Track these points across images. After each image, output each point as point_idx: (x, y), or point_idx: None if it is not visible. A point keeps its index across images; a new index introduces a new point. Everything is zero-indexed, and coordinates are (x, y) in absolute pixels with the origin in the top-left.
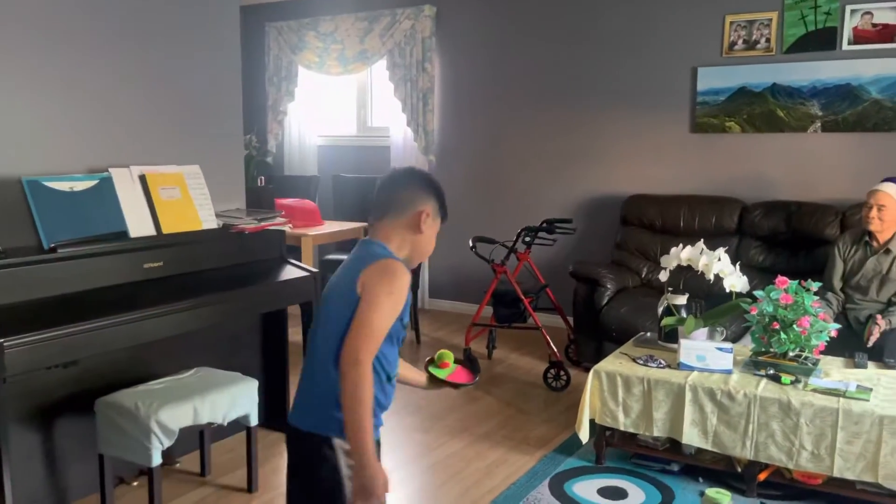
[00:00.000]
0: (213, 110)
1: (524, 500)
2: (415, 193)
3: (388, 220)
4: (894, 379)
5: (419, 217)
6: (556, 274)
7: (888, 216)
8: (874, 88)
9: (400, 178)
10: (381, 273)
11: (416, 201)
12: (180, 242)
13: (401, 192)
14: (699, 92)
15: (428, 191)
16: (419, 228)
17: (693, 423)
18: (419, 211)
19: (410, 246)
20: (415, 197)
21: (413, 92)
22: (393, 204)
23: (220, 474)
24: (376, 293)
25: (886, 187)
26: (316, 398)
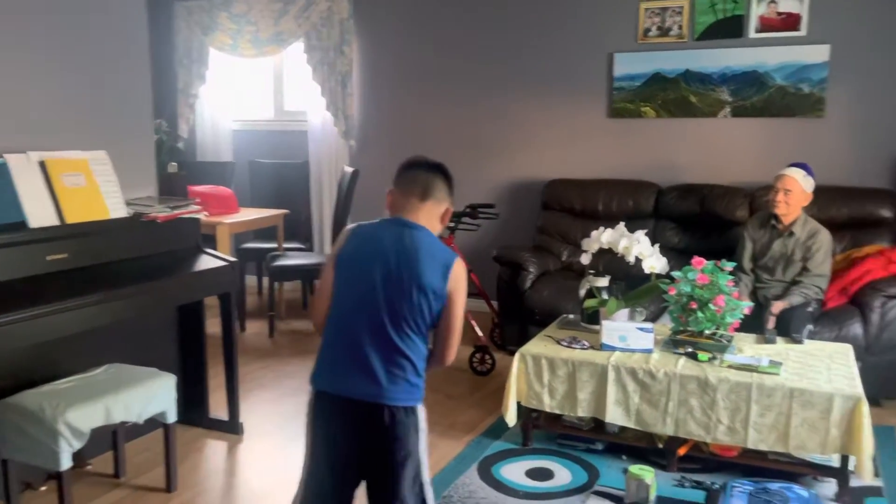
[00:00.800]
0: (119, 93)
1: (453, 485)
2: (448, 191)
3: (429, 204)
4: (802, 353)
5: (447, 213)
6: (479, 259)
7: (793, 200)
8: (779, 75)
9: (443, 170)
10: (462, 279)
11: (448, 198)
12: (86, 232)
13: (443, 184)
14: (615, 77)
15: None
16: (443, 221)
17: (616, 402)
18: (447, 208)
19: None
20: (448, 194)
21: (331, 75)
22: (437, 191)
23: (136, 475)
24: (461, 302)
25: (793, 172)
26: (399, 373)
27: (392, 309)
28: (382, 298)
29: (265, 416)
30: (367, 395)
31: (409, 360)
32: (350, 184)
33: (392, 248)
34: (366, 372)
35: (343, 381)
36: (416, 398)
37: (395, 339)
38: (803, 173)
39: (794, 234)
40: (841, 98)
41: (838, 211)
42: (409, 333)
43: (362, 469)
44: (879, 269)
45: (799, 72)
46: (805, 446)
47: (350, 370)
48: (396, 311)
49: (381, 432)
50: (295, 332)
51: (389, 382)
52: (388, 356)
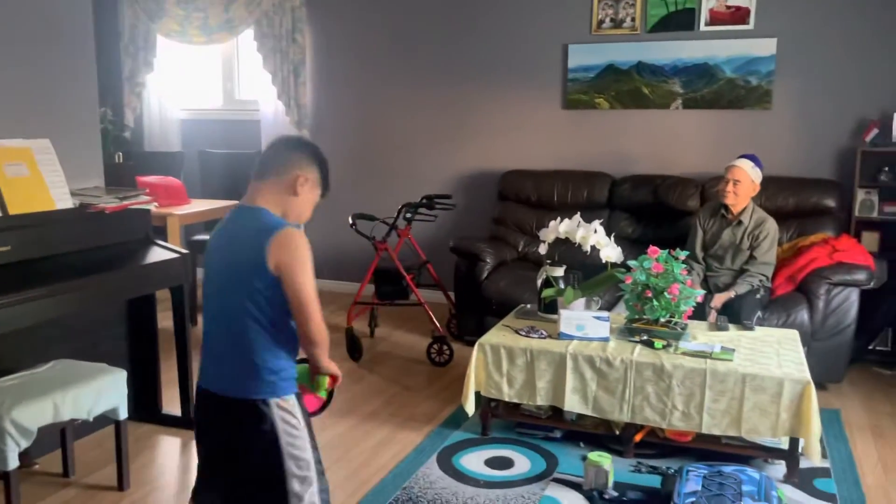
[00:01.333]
0: (64, 81)
1: (413, 476)
2: (299, 157)
3: (269, 181)
4: (753, 339)
5: (296, 179)
6: (436, 250)
7: (742, 190)
8: (728, 68)
9: (287, 142)
10: (289, 247)
11: (298, 164)
12: (30, 224)
13: (285, 154)
14: (570, 69)
15: (312, 159)
16: (295, 190)
17: (574, 390)
18: (297, 174)
19: (285, 207)
20: (299, 161)
21: (284, 64)
22: (276, 165)
23: (86, 473)
24: (297, 271)
25: (742, 163)
26: (244, 367)
27: (232, 299)
28: (222, 290)
29: None
30: (221, 390)
31: (259, 350)
32: None
33: (225, 237)
34: (219, 366)
35: (204, 375)
36: (271, 391)
37: (242, 330)
38: (751, 164)
39: (742, 223)
40: (787, 91)
41: (785, 201)
42: (252, 322)
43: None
44: (824, 257)
45: (747, 65)
46: (757, 430)
47: (208, 365)
48: (236, 300)
49: (234, 427)
50: None
51: (240, 375)
52: (238, 348)
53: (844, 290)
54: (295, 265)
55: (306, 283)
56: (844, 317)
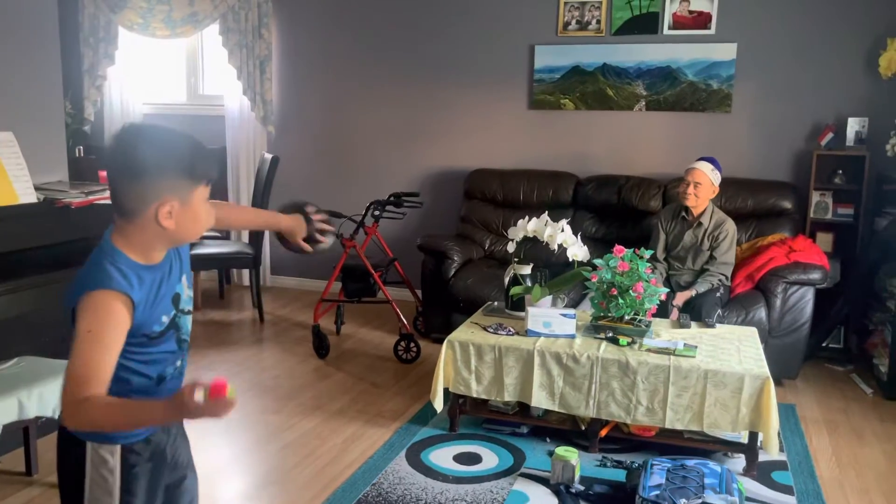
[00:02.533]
0: (27, 73)
1: (382, 472)
2: (141, 183)
3: (122, 221)
4: (714, 336)
5: (157, 214)
6: (403, 247)
7: (702, 192)
8: (690, 71)
9: (116, 163)
10: (81, 311)
11: (145, 194)
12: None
13: (123, 187)
14: (536, 70)
15: (159, 170)
16: (162, 226)
17: (541, 386)
18: (155, 206)
19: (163, 240)
20: (143, 189)
21: (249, 59)
22: (119, 203)
23: (50, 472)
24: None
25: (702, 166)
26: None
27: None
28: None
29: None
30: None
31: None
32: (270, 171)
33: None
34: None
35: None
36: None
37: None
38: (711, 167)
39: (702, 224)
40: (746, 95)
41: (744, 202)
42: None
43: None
44: (782, 257)
45: (709, 68)
46: (718, 424)
47: None
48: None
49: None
50: (213, 323)
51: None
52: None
53: (800, 289)
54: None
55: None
56: (800, 315)
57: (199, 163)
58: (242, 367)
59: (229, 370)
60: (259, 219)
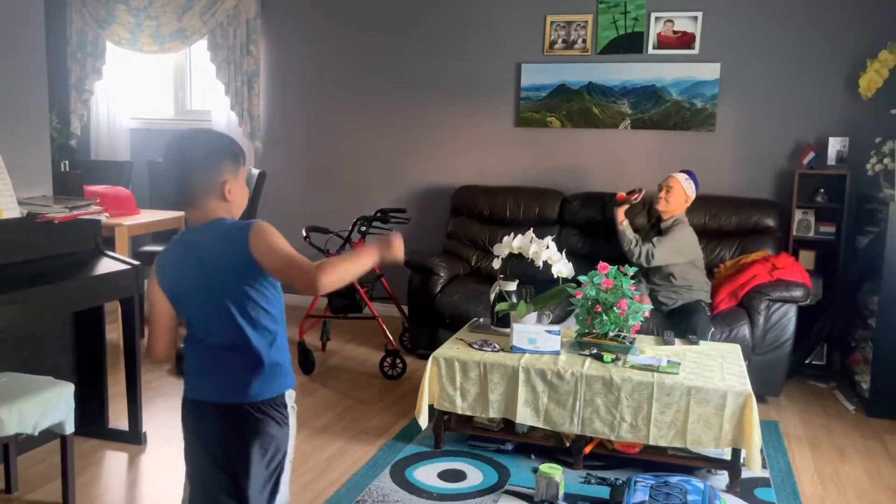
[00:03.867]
0: (12, 86)
1: (366, 489)
2: (207, 172)
3: (198, 204)
4: (698, 353)
5: (223, 190)
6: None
7: (673, 198)
8: (674, 90)
9: (183, 163)
10: (264, 234)
11: (211, 178)
12: None
13: (193, 178)
14: (523, 88)
15: (218, 158)
16: (226, 199)
17: (526, 402)
18: (219, 184)
19: (226, 211)
20: (209, 175)
21: (237, 75)
22: (192, 191)
23: (30, 489)
24: (272, 242)
25: (677, 175)
26: (248, 375)
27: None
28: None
29: (167, 425)
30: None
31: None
32: (257, 186)
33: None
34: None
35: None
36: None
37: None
38: (685, 176)
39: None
40: (730, 114)
41: (728, 220)
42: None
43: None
44: (765, 274)
45: (693, 88)
46: (701, 441)
47: (206, 378)
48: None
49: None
50: None
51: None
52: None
53: (783, 306)
54: (273, 241)
55: (286, 246)
56: (783, 332)
57: (239, 150)
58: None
59: None
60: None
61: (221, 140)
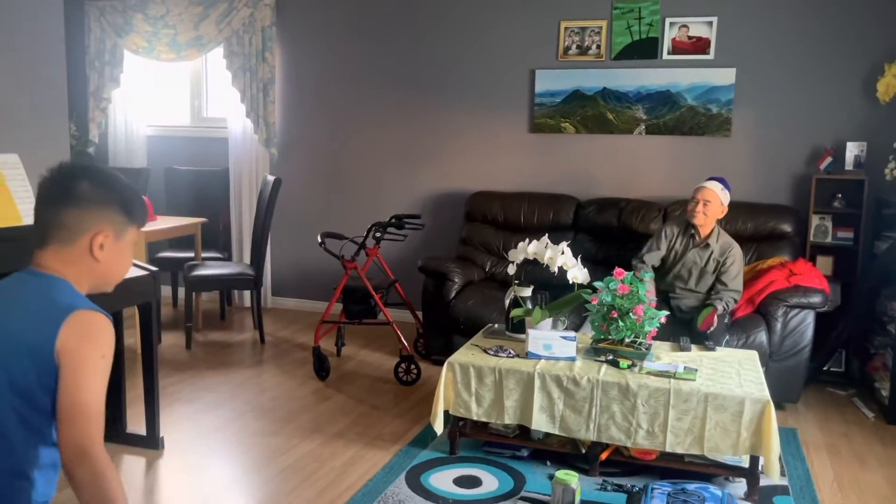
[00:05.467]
0: (33, 96)
1: (382, 495)
2: (82, 210)
3: (52, 250)
4: (715, 360)
5: (91, 243)
6: (404, 269)
7: (711, 211)
8: (690, 96)
9: (58, 191)
10: (84, 334)
11: (84, 221)
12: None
13: (62, 211)
14: (537, 93)
15: (102, 201)
16: (94, 256)
17: (541, 409)
18: (91, 234)
19: (90, 277)
20: (83, 215)
21: (253, 82)
22: (55, 228)
23: None
24: (84, 362)
25: (712, 185)
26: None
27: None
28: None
29: (184, 430)
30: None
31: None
32: (272, 192)
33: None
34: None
35: None
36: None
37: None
38: (720, 186)
39: (709, 246)
40: (746, 119)
41: (744, 225)
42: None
43: None
44: (782, 280)
45: (708, 93)
46: (718, 448)
47: None
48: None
49: None
50: (213, 344)
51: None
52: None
53: (801, 312)
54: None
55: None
56: (801, 338)
57: (138, 205)
58: (242, 388)
59: (229, 392)
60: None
61: (119, 184)
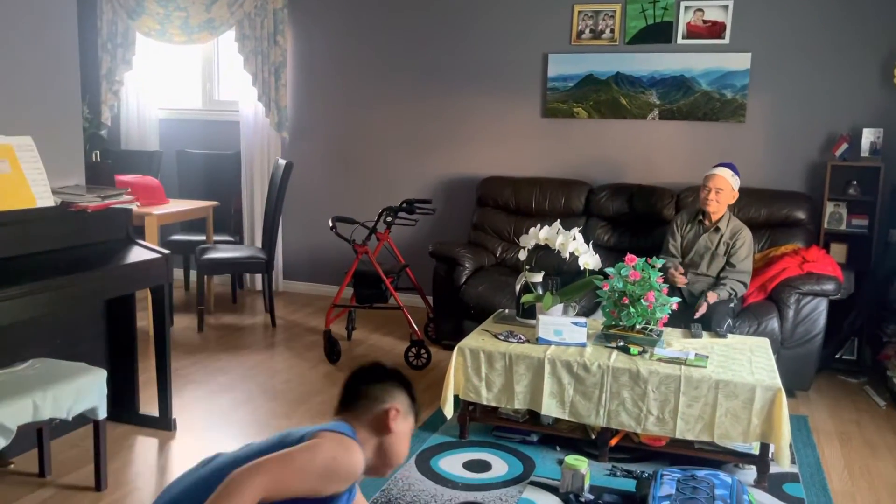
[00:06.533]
0: (46, 77)
1: (391, 478)
2: (383, 387)
3: (351, 416)
4: (726, 347)
5: (387, 415)
6: (415, 254)
7: (723, 198)
8: (704, 81)
9: (366, 373)
10: (337, 440)
11: (383, 396)
12: (11, 221)
13: (367, 387)
14: (549, 78)
15: (397, 385)
16: (388, 427)
17: (551, 394)
18: (388, 408)
19: (376, 450)
20: (383, 391)
21: (265, 65)
22: (358, 398)
23: (63, 473)
24: (318, 448)
25: (723, 172)
26: None
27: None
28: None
29: (197, 412)
30: None
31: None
32: (283, 176)
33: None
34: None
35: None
36: None
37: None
38: (731, 173)
39: (719, 229)
40: (760, 105)
41: (757, 212)
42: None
43: None
44: (795, 268)
45: (722, 78)
46: (729, 435)
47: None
48: None
49: None
50: (225, 327)
51: None
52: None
53: (813, 299)
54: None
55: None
56: (813, 326)
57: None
58: (253, 371)
59: (241, 374)
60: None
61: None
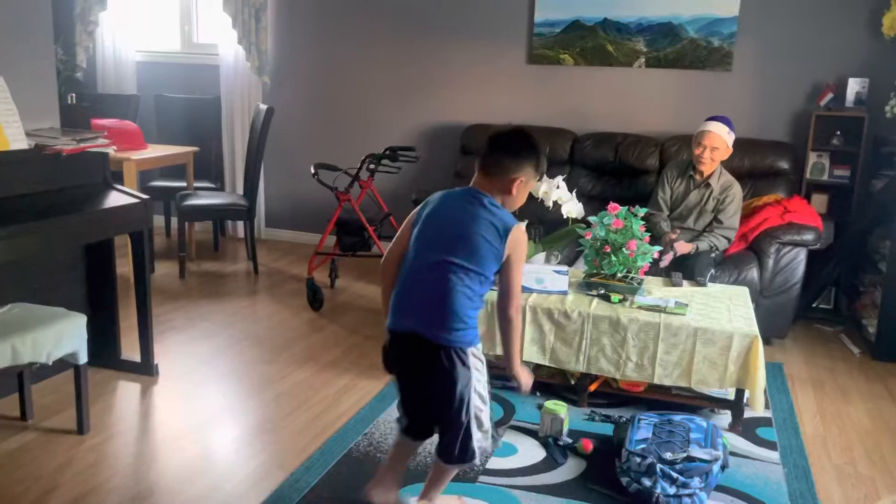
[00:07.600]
0: (16, 15)
1: (374, 422)
2: (521, 163)
3: (489, 179)
4: (705, 295)
5: (512, 184)
6: (398, 202)
7: (718, 156)
8: (692, 28)
9: (504, 144)
10: (521, 243)
11: (515, 169)
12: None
13: (504, 159)
14: (536, 23)
15: (529, 157)
16: (510, 191)
17: (533, 341)
18: (514, 178)
19: (503, 202)
20: (515, 165)
21: (245, 7)
22: (496, 166)
23: (45, 417)
24: (520, 261)
25: (718, 129)
26: (450, 319)
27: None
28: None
29: (179, 357)
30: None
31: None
32: (264, 122)
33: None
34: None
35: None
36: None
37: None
38: (727, 129)
39: (710, 185)
40: (747, 53)
41: (741, 162)
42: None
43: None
44: (776, 218)
45: (710, 25)
46: (705, 381)
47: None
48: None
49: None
50: (206, 274)
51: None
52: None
53: (793, 249)
54: (518, 260)
55: (520, 274)
56: (792, 275)
57: (544, 164)
58: (236, 317)
59: (223, 321)
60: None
61: (538, 148)
